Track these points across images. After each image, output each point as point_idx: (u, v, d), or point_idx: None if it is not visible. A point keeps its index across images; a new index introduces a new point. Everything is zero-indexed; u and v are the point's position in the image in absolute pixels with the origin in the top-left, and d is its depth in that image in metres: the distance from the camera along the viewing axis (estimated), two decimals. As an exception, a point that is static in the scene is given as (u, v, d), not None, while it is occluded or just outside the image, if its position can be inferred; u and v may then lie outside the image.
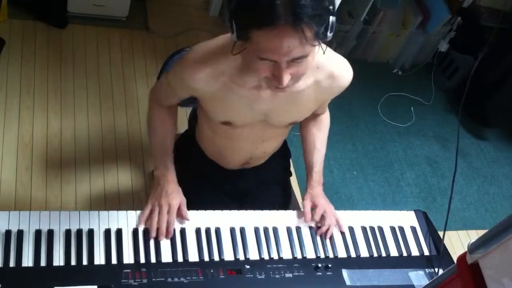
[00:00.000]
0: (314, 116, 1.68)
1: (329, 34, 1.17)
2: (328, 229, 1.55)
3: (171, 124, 1.61)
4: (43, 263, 1.30)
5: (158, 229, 1.43)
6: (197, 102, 1.53)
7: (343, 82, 1.48)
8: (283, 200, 1.81)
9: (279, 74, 1.21)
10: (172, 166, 1.54)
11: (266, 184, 1.78)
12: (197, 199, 1.60)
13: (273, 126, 1.54)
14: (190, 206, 1.51)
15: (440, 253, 1.60)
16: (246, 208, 1.57)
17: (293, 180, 2.65)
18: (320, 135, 1.69)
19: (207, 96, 1.43)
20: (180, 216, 1.48)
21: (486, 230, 0.97)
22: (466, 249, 1.03)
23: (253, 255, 1.46)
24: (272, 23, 1.11)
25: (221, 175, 1.72)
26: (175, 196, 1.48)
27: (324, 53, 1.25)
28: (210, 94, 1.41)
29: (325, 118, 1.72)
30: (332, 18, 1.17)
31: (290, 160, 1.92)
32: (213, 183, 1.72)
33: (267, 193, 1.78)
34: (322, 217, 1.57)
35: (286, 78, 1.21)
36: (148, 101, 1.64)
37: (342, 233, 1.58)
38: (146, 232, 1.42)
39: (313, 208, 1.59)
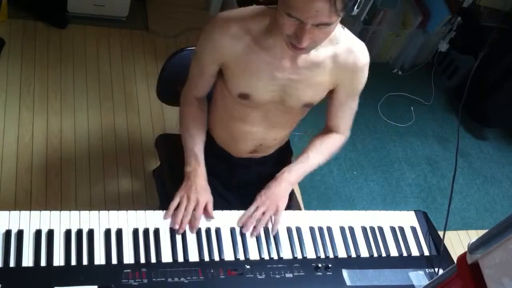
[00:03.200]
0: (326, 131, 1.69)
1: (356, 10, 1.26)
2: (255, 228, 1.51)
3: (203, 120, 1.64)
4: (43, 263, 1.30)
5: (181, 223, 1.45)
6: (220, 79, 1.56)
7: (359, 60, 1.52)
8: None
9: (301, 34, 1.28)
10: (203, 163, 1.57)
11: (269, 178, 1.78)
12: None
13: (288, 109, 1.56)
14: None
15: (440, 253, 1.60)
16: (246, 204, 1.57)
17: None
18: (319, 145, 1.67)
19: (231, 60, 1.47)
20: (206, 214, 1.49)
21: (486, 230, 0.97)
22: (466, 249, 1.03)
23: (253, 255, 1.46)
24: None
25: (229, 165, 1.73)
26: (204, 193, 1.51)
27: (344, 29, 1.37)
28: (234, 57, 1.45)
29: (335, 137, 1.70)
30: None
31: (292, 159, 1.93)
32: (219, 175, 1.72)
33: None
34: (256, 213, 1.53)
35: (306, 39, 1.28)
36: (180, 99, 1.66)
37: (343, 233, 1.57)
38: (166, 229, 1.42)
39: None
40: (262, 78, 1.48)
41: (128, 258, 1.37)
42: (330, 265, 1.48)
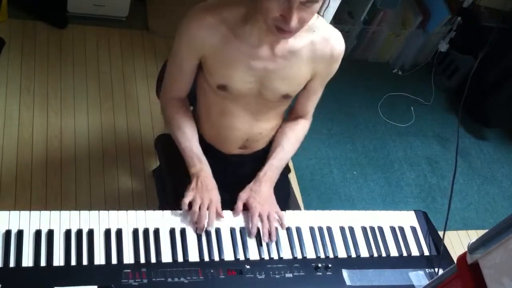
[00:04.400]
0: (295, 117, 1.70)
1: None
2: (271, 233, 1.49)
3: (190, 118, 1.64)
4: (43, 263, 1.30)
5: (197, 223, 1.45)
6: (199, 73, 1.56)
7: (336, 48, 1.53)
8: (280, 200, 1.80)
9: (289, 14, 1.27)
10: (206, 161, 1.57)
11: None
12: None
13: (266, 101, 1.56)
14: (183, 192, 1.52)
15: (440, 253, 1.60)
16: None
17: (293, 180, 2.66)
18: (290, 135, 1.68)
19: (209, 52, 1.47)
20: (216, 213, 1.49)
21: (486, 230, 0.97)
22: (466, 249, 1.03)
23: (253, 255, 1.46)
24: None
25: (221, 162, 1.72)
26: (215, 192, 1.52)
27: (321, 16, 1.37)
28: (212, 48, 1.45)
29: (303, 124, 1.71)
30: None
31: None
32: (213, 172, 1.71)
33: None
34: (262, 219, 1.51)
35: (295, 20, 1.28)
36: (160, 103, 1.66)
37: (343, 233, 1.57)
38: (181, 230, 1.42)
39: (248, 208, 1.53)
40: (239, 68, 1.48)
41: (128, 258, 1.37)
42: (330, 265, 1.48)
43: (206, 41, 1.45)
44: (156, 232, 1.43)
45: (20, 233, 1.33)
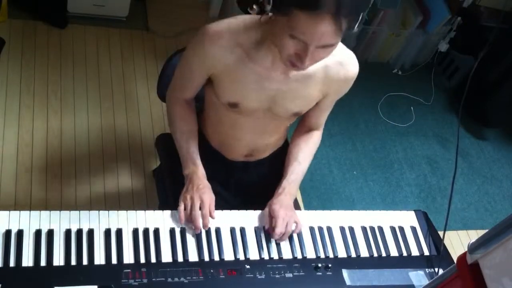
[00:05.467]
0: (307, 130, 1.69)
1: (356, 28, 1.26)
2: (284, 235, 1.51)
3: (193, 120, 1.63)
4: (43, 263, 1.30)
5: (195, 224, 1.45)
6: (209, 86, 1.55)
7: (350, 72, 1.51)
8: None
9: (304, 55, 1.26)
10: (200, 163, 1.57)
11: (269, 180, 1.78)
12: None
13: (277, 116, 1.56)
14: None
15: (440, 253, 1.60)
16: (247, 205, 1.57)
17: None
18: (305, 149, 1.67)
19: (222, 70, 1.45)
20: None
21: (486, 230, 0.97)
22: (466, 249, 1.03)
23: (253, 255, 1.46)
24: (316, 8, 1.17)
25: (226, 167, 1.73)
26: (207, 192, 1.51)
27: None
28: (224, 68, 1.44)
29: (316, 136, 1.71)
30: (363, 14, 1.25)
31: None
32: (217, 176, 1.72)
33: (271, 187, 1.77)
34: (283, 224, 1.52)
35: (309, 61, 1.28)
36: (166, 102, 1.66)
37: (343, 233, 1.58)
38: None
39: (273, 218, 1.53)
40: (252, 89, 1.47)
41: (128, 258, 1.37)
42: (330, 265, 1.48)
43: (220, 61, 1.43)
44: (156, 232, 1.43)
45: (20, 233, 1.33)
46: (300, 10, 1.19)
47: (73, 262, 1.32)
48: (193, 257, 1.41)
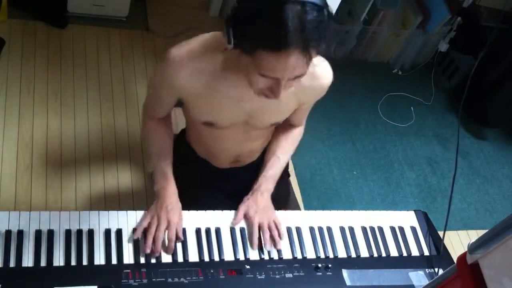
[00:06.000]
0: (288, 126, 1.68)
1: (332, 50, 1.21)
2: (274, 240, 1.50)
3: (167, 134, 1.59)
4: (43, 263, 1.31)
5: (155, 246, 1.39)
6: (183, 105, 1.53)
7: (324, 83, 1.48)
8: (280, 200, 1.80)
9: (277, 88, 1.23)
10: (172, 179, 1.52)
11: None
12: (193, 199, 1.59)
13: (255, 127, 1.54)
14: (186, 206, 1.50)
15: (440, 253, 1.60)
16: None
17: (293, 180, 2.66)
18: (285, 144, 1.66)
19: (192, 95, 1.42)
20: (176, 237, 1.43)
21: (486, 230, 0.97)
22: (466, 249, 1.03)
23: (253, 255, 1.46)
24: (281, 48, 1.13)
25: (215, 174, 1.71)
26: (175, 213, 1.45)
27: None
28: (194, 92, 1.40)
29: (297, 132, 1.70)
30: (331, 39, 1.19)
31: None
32: (208, 182, 1.71)
33: None
34: (262, 228, 1.50)
35: (283, 93, 1.25)
36: (141, 116, 1.64)
37: (343, 233, 1.57)
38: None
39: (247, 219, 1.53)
40: (226, 109, 1.44)
41: (128, 258, 1.37)
42: (330, 265, 1.48)
43: (186, 89, 1.40)
44: (156, 232, 1.43)
45: (20, 233, 1.33)
46: (264, 51, 1.15)
47: (73, 262, 1.32)
48: (193, 257, 1.41)
